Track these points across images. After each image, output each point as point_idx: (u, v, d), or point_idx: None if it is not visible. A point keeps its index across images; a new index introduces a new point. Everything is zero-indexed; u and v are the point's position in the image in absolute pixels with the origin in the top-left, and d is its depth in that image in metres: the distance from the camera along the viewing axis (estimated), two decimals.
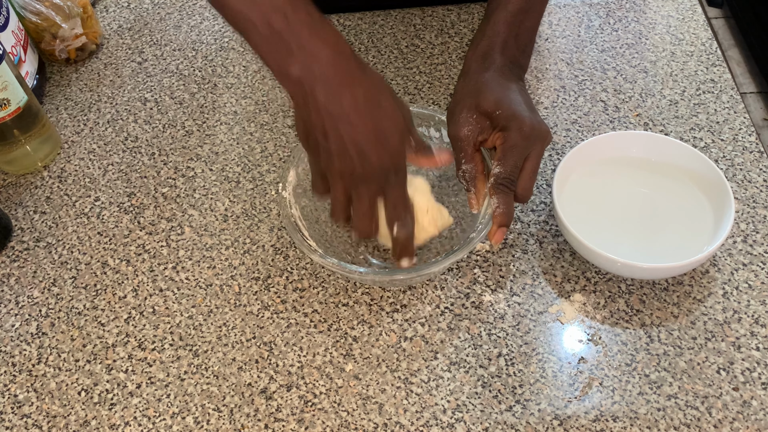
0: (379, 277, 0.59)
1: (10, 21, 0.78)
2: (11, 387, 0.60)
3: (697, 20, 0.85)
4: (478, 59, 0.62)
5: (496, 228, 0.57)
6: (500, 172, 0.57)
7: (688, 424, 0.54)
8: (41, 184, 0.75)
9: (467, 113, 0.59)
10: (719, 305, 0.60)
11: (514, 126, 0.57)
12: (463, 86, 0.61)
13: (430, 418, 0.56)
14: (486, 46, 0.62)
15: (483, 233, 0.58)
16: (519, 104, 0.58)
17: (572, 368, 0.57)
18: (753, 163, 0.70)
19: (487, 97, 0.59)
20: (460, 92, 0.61)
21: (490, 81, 0.60)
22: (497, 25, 0.62)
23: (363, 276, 0.57)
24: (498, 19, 0.62)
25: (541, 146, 0.58)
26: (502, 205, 0.57)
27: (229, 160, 0.76)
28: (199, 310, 0.63)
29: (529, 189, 0.58)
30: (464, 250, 0.57)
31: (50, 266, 0.68)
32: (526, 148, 0.57)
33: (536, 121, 0.58)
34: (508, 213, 0.57)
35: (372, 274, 0.58)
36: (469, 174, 0.60)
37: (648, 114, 0.75)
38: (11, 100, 0.70)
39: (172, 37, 0.91)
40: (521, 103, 0.59)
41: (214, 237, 0.69)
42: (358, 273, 0.57)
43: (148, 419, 0.57)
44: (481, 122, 0.59)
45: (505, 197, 0.57)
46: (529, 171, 0.58)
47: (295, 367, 0.59)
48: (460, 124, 0.59)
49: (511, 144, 0.57)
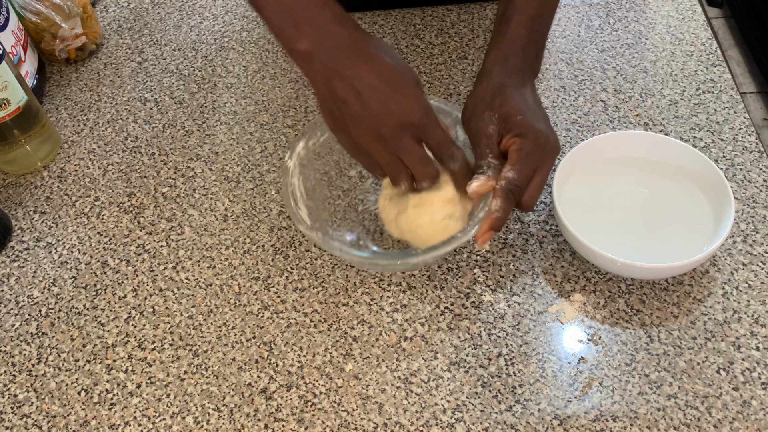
0: (359, 258, 0.59)
1: (10, 21, 0.78)
2: (11, 387, 0.60)
3: (697, 20, 0.85)
4: (500, 60, 0.62)
5: (487, 228, 0.57)
6: (513, 177, 0.57)
7: (688, 424, 0.54)
8: (41, 184, 0.75)
9: (490, 112, 0.60)
10: (719, 305, 0.60)
11: (531, 135, 0.57)
12: (485, 86, 0.62)
13: (430, 418, 0.56)
14: (507, 49, 0.62)
15: (470, 234, 0.57)
16: (537, 115, 0.59)
17: (572, 368, 0.57)
18: (753, 163, 0.70)
19: (509, 100, 0.59)
20: (483, 91, 0.62)
21: (512, 86, 0.61)
22: (519, 30, 0.62)
23: (342, 254, 0.58)
24: (519, 23, 0.63)
25: (553, 159, 0.59)
26: (501, 211, 0.57)
27: (229, 160, 0.76)
28: (199, 310, 0.63)
29: (535, 199, 0.58)
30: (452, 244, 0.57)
31: (50, 266, 0.68)
32: (538, 158, 0.58)
33: (551, 134, 0.59)
34: (503, 219, 0.57)
35: (351, 254, 0.58)
36: (493, 165, 0.59)
37: (648, 114, 0.75)
38: (11, 100, 0.70)
39: (172, 37, 0.91)
40: (539, 114, 0.60)
41: (214, 237, 0.69)
42: (339, 250, 0.57)
43: (148, 419, 0.57)
44: (500, 123, 0.60)
45: (508, 203, 0.57)
46: (538, 181, 0.58)
47: (295, 367, 0.59)
48: (485, 121, 0.60)
49: (527, 152, 0.57)
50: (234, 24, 0.92)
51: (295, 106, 0.80)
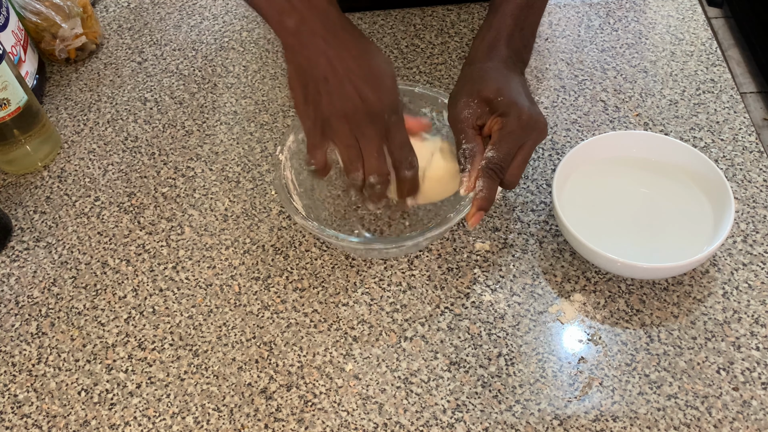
0: (356, 245, 0.59)
1: (10, 21, 0.78)
2: (11, 387, 0.60)
3: (697, 20, 0.85)
4: (485, 49, 0.63)
5: (475, 210, 0.58)
6: (493, 156, 0.58)
7: (688, 424, 0.54)
8: (41, 184, 0.75)
9: (468, 98, 0.60)
10: (719, 305, 0.60)
11: (513, 113, 0.58)
12: (467, 73, 0.62)
13: (430, 418, 0.56)
14: (493, 37, 0.63)
15: (462, 214, 0.58)
16: (520, 94, 0.59)
17: (572, 368, 0.57)
18: (753, 163, 0.70)
19: (489, 84, 0.60)
20: (464, 78, 0.62)
21: (494, 70, 0.61)
22: (505, 18, 0.63)
23: (340, 242, 0.58)
24: (505, 12, 0.63)
25: (537, 137, 0.59)
26: (486, 190, 0.57)
27: (229, 160, 0.76)
28: (199, 310, 0.63)
29: (517, 177, 0.59)
30: (443, 227, 0.58)
31: (50, 266, 0.68)
32: (521, 137, 0.58)
33: (535, 112, 0.59)
34: (489, 198, 0.58)
35: (350, 241, 0.59)
36: (469, 152, 0.60)
37: (648, 114, 0.75)
38: (11, 100, 0.70)
39: (172, 37, 0.91)
40: (522, 94, 0.60)
41: (214, 237, 0.69)
42: (335, 238, 0.58)
43: (148, 419, 0.57)
44: (481, 107, 0.60)
45: (491, 182, 0.58)
46: (520, 160, 0.59)
47: (295, 367, 0.59)
48: (460, 107, 0.60)
49: (508, 130, 0.58)
50: (234, 24, 0.92)
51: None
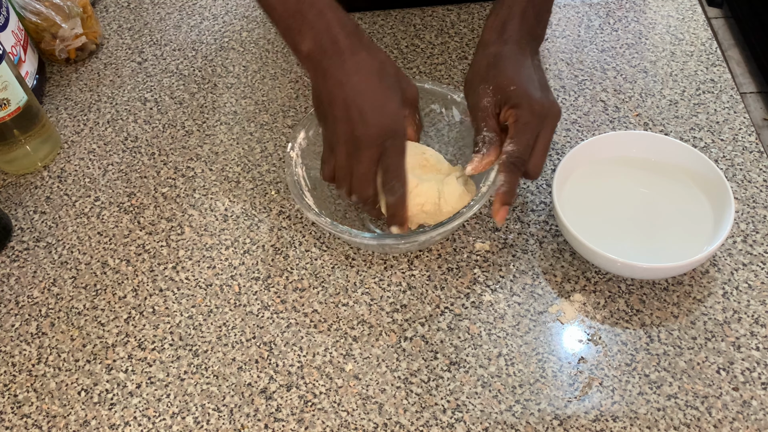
0: (369, 240, 0.60)
1: (10, 21, 0.78)
2: (11, 387, 0.60)
3: (697, 20, 0.85)
4: (498, 29, 0.62)
5: (499, 206, 0.58)
6: (513, 150, 0.58)
7: (688, 424, 0.54)
8: (41, 184, 0.75)
9: (485, 84, 0.60)
10: (719, 305, 0.60)
11: (525, 104, 0.58)
12: (481, 57, 0.62)
13: (430, 418, 0.56)
14: (504, 15, 0.63)
15: (474, 209, 0.59)
16: (532, 82, 0.59)
17: (572, 368, 0.57)
18: (753, 163, 0.70)
19: (502, 71, 0.60)
20: (478, 63, 0.62)
21: (508, 55, 0.61)
22: None
23: (353, 238, 0.59)
24: None
25: (551, 123, 0.59)
26: (507, 184, 0.58)
27: (229, 160, 0.76)
28: (199, 310, 0.63)
29: (540, 166, 0.59)
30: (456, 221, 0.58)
31: (50, 266, 0.68)
32: (537, 126, 0.58)
33: (547, 100, 0.59)
34: (511, 192, 0.58)
35: (363, 237, 0.59)
36: (488, 139, 0.60)
37: (648, 114, 0.75)
38: (11, 100, 0.70)
39: (172, 37, 0.91)
40: (535, 82, 0.60)
41: (214, 237, 0.69)
42: (348, 234, 0.58)
43: (148, 419, 0.57)
44: (496, 95, 0.60)
45: (513, 176, 0.58)
46: (541, 149, 0.59)
47: (295, 367, 0.59)
48: (479, 95, 0.61)
49: (523, 122, 0.58)
50: (234, 24, 0.92)
51: (295, 106, 0.80)
